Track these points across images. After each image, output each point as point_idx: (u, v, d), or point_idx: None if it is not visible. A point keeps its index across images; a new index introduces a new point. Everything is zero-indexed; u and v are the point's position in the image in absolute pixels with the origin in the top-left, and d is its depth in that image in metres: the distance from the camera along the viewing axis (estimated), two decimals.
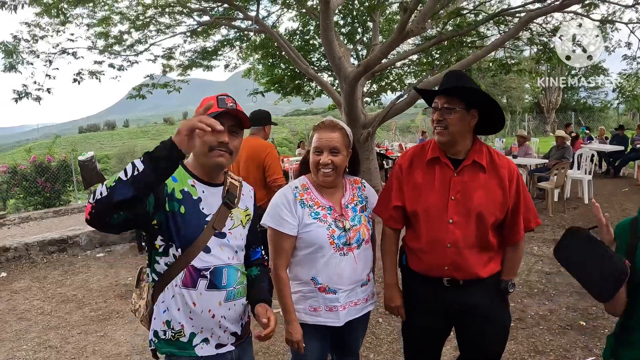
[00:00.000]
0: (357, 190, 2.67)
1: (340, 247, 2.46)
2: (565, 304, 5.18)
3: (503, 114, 2.51)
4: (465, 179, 2.45)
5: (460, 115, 2.38)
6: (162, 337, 2.06)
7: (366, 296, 2.64)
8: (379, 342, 4.55)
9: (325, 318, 2.51)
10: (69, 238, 8.50)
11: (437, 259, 2.47)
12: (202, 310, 2.04)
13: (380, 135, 28.17)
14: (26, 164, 14.00)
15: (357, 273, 2.53)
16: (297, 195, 2.52)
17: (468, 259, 2.43)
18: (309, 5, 12.46)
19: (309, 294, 2.51)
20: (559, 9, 9.52)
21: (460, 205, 2.43)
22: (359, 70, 9.89)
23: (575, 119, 34.90)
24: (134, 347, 4.77)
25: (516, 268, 2.67)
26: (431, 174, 2.51)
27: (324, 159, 2.43)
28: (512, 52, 13.44)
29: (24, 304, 6.18)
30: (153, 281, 2.08)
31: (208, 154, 2.04)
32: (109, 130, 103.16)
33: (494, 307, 2.56)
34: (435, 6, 8.95)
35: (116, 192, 1.66)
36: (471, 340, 2.65)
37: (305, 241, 2.47)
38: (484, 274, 2.47)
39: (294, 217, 2.46)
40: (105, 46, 11.64)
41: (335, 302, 2.49)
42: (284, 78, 15.30)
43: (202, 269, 2.03)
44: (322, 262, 2.45)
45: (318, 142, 2.46)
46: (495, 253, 2.54)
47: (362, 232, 2.54)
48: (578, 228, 2.18)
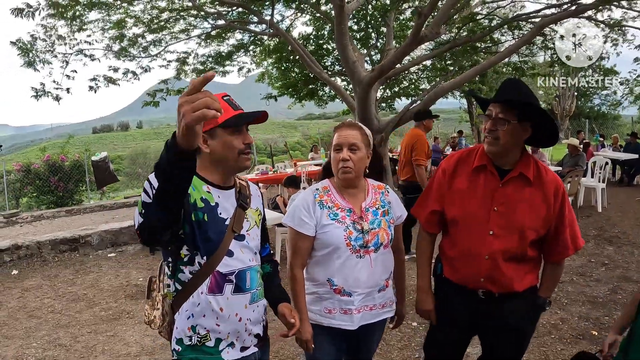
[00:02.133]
0: (380, 195, 2.64)
1: (357, 249, 2.44)
2: (577, 313, 5.13)
3: (557, 130, 2.42)
4: (510, 191, 2.39)
5: (513, 127, 2.29)
6: (187, 344, 2.01)
7: (383, 302, 2.60)
8: (389, 349, 4.51)
9: (339, 321, 2.51)
10: (81, 237, 8.53)
11: (473, 269, 2.43)
12: (229, 315, 2.01)
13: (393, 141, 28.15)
14: (40, 163, 14.12)
15: (375, 277, 2.50)
16: (317, 196, 2.53)
17: (505, 273, 2.38)
18: (323, 10, 12.48)
19: (325, 295, 2.51)
20: (574, 14, 9.48)
21: (502, 218, 2.37)
22: (373, 75, 9.88)
23: (589, 126, 34.64)
24: (144, 348, 4.77)
25: (554, 286, 2.63)
26: (475, 182, 2.46)
27: (344, 155, 2.42)
28: (526, 57, 13.37)
29: (35, 302, 6.21)
30: (175, 291, 2.04)
31: (238, 158, 2.00)
32: (122, 131, 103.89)
33: (526, 321, 2.53)
34: (449, 11, 8.93)
35: (150, 218, 1.61)
36: (496, 349, 2.62)
37: (323, 242, 2.48)
38: (520, 287, 2.42)
39: (311, 218, 2.47)
40: (120, 49, 11.71)
41: (350, 305, 2.48)
42: (298, 82, 15.33)
43: (227, 274, 2.01)
44: (338, 264, 2.45)
45: (338, 140, 2.47)
46: (534, 266, 2.49)
47: (381, 235, 2.51)
48: (585, 352, 2.37)
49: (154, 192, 1.56)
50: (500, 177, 2.40)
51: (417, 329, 4.84)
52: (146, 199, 1.59)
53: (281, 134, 50.11)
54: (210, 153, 1.99)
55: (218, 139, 1.97)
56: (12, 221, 12.54)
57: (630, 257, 6.95)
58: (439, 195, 2.58)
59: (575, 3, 9.50)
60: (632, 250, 7.31)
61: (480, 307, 2.47)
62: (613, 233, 8.39)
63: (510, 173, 2.39)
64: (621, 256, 7.04)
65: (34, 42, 10.59)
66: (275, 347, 4.50)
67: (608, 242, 7.80)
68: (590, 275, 6.23)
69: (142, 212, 1.62)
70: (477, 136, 29.83)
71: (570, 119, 38.88)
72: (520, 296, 2.43)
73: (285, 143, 27.71)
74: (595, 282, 5.96)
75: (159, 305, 2.11)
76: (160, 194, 1.55)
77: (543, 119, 2.34)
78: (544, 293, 2.52)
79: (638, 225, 8.82)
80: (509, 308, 2.44)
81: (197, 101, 1.32)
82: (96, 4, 10.11)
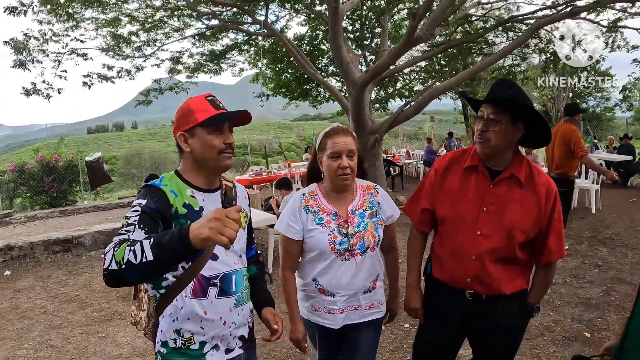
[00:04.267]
0: (369, 195, 2.65)
1: (342, 252, 2.48)
2: (570, 315, 5.13)
3: (549, 130, 2.40)
4: (501, 191, 2.37)
5: (505, 128, 2.29)
6: (172, 347, 2.00)
7: (370, 303, 2.62)
8: (381, 350, 4.51)
9: (324, 319, 2.58)
10: (74, 238, 8.51)
11: (460, 269, 2.43)
12: (213, 318, 2.00)
13: (388, 142, 28.13)
14: (34, 163, 14.07)
15: (358, 280, 2.54)
16: (303, 201, 2.58)
17: (492, 274, 2.36)
18: (318, 11, 12.47)
19: (312, 294, 2.59)
20: (569, 16, 9.50)
21: (491, 218, 2.36)
22: (367, 76, 9.89)
23: (583, 127, 34.72)
24: (135, 349, 4.75)
25: (545, 292, 2.61)
26: (467, 182, 2.45)
27: (344, 163, 2.44)
28: (519, 60, 13.40)
29: (27, 303, 6.19)
30: (159, 294, 2.01)
31: (217, 157, 1.98)
32: (117, 132, 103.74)
33: (515, 324, 2.52)
34: (444, 13, 8.94)
35: (129, 276, 1.56)
36: (487, 350, 2.61)
37: (309, 246, 2.54)
38: (508, 290, 2.40)
39: (298, 223, 2.53)
40: (114, 45, 11.69)
41: (333, 305, 2.55)
42: (292, 82, 15.33)
43: (211, 277, 1.99)
44: (324, 266, 2.52)
45: (336, 147, 2.47)
46: (523, 270, 2.47)
47: (367, 238, 2.53)
48: (580, 357, 2.33)
49: (144, 259, 1.53)
50: (491, 178, 2.39)
51: (409, 330, 4.84)
52: (132, 259, 1.54)
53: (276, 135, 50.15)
54: (191, 152, 1.99)
55: (197, 138, 1.97)
56: (6, 222, 12.49)
57: (624, 259, 6.96)
58: (430, 194, 2.58)
59: (570, 5, 9.52)
60: (626, 251, 7.32)
61: (470, 307, 2.46)
62: (607, 235, 8.40)
63: (502, 174, 2.38)
64: (615, 258, 7.05)
65: (27, 40, 10.56)
66: (267, 348, 4.49)
67: (602, 244, 7.81)
68: (583, 277, 6.24)
69: (120, 265, 1.55)
70: (472, 137, 29.86)
71: None
72: (509, 299, 2.42)
73: (280, 144, 27.67)
74: (589, 284, 5.96)
75: (145, 306, 2.11)
76: (151, 266, 1.54)
77: (534, 119, 2.34)
78: (533, 299, 2.51)
79: (632, 227, 8.83)
80: (500, 308, 2.43)
81: (228, 228, 1.46)
82: (91, 1, 10.07)
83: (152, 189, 1.93)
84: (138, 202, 1.85)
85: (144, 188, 1.96)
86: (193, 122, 1.95)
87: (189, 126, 1.97)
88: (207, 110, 1.95)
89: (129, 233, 1.72)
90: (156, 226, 1.82)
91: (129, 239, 1.66)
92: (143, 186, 1.99)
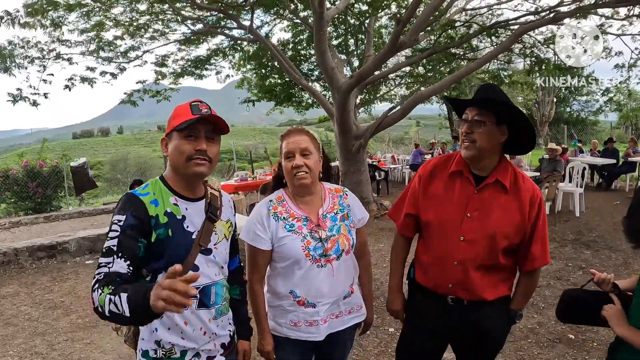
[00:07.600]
0: (339, 198, 2.58)
1: (317, 258, 2.38)
2: (554, 317, 5.13)
3: (534, 134, 2.39)
4: (485, 197, 2.36)
5: (490, 129, 2.28)
6: (152, 357, 2.00)
7: (349, 308, 2.55)
8: (366, 355, 4.53)
9: (306, 333, 2.45)
10: (59, 244, 8.45)
11: (442, 274, 2.42)
12: (193, 329, 2.00)
13: (373, 147, 28.18)
14: (18, 168, 13.96)
15: (338, 286, 2.46)
16: (271, 208, 2.46)
17: (474, 280, 2.36)
18: (302, 16, 12.49)
19: (289, 308, 2.44)
20: (552, 22, 9.60)
21: (475, 224, 2.35)
22: (352, 82, 9.93)
23: (567, 132, 35.00)
24: (120, 356, 4.73)
25: (528, 298, 2.60)
26: (451, 188, 2.44)
27: (297, 162, 2.36)
28: (505, 64, 13.51)
29: (11, 310, 6.14)
30: None
31: (186, 164, 1.94)
32: (102, 137, 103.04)
33: (497, 330, 2.53)
34: (428, 19, 9.00)
35: (113, 319, 1.62)
36: (469, 354, 2.61)
37: (281, 255, 2.42)
38: (490, 297, 2.40)
39: (266, 232, 2.40)
40: (97, 48, 11.63)
41: (315, 317, 2.42)
42: (276, 87, 15.34)
43: None
44: (300, 275, 2.39)
45: (287, 147, 2.41)
46: (506, 276, 2.47)
47: (342, 242, 2.46)
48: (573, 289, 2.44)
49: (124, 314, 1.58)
50: (476, 183, 2.39)
51: (394, 334, 4.85)
52: (114, 310, 1.59)
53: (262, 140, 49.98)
54: (168, 157, 1.99)
55: (172, 143, 1.97)
56: None
57: (608, 261, 7.03)
58: (413, 200, 2.58)
59: (553, 11, 9.62)
60: (610, 254, 7.39)
61: (453, 313, 2.47)
62: (590, 237, 8.49)
63: (486, 179, 2.37)
64: (598, 260, 7.12)
65: (13, 48, 10.49)
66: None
67: (585, 247, 7.88)
68: (567, 279, 6.30)
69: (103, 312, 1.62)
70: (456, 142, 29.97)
71: (549, 125, 39.27)
72: (491, 305, 2.42)
73: (266, 149, 27.54)
74: (573, 286, 6.00)
75: None
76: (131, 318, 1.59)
77: (519, 121, 2.33)
78: (515, 305, 2.51)
79: (615, 229, 8.91)
80: (482, 314, 2.43)
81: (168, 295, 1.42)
82: (75, 6, 10.03)
83: (131, 201, 1.92)
84: (117, 219, 1.86)
85: (124, 198, 1.95)
86: (171, 127, 1.96)
87: (168, 131, 1.98)
88: (183, 115, 1.94)
89: (108, 265, 1.75)
90: (137, 243, 1.83)
91: (109, 273, 1.72)
92: (124, 195, 1.97)
